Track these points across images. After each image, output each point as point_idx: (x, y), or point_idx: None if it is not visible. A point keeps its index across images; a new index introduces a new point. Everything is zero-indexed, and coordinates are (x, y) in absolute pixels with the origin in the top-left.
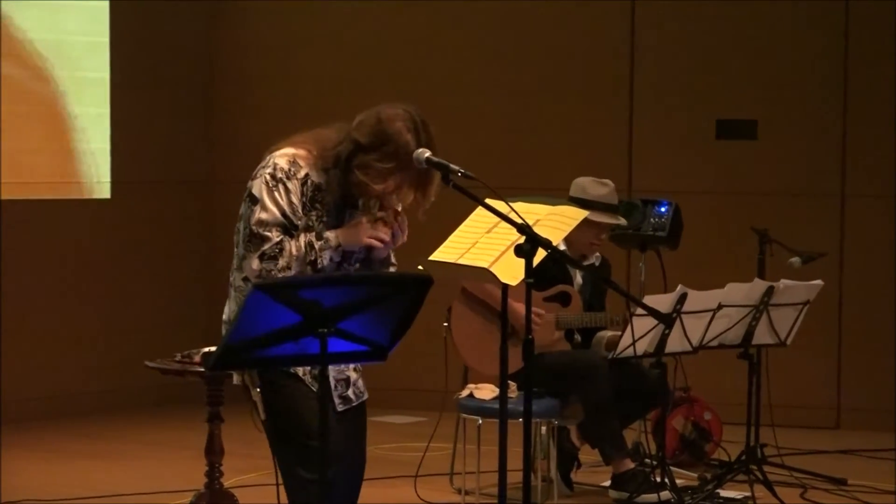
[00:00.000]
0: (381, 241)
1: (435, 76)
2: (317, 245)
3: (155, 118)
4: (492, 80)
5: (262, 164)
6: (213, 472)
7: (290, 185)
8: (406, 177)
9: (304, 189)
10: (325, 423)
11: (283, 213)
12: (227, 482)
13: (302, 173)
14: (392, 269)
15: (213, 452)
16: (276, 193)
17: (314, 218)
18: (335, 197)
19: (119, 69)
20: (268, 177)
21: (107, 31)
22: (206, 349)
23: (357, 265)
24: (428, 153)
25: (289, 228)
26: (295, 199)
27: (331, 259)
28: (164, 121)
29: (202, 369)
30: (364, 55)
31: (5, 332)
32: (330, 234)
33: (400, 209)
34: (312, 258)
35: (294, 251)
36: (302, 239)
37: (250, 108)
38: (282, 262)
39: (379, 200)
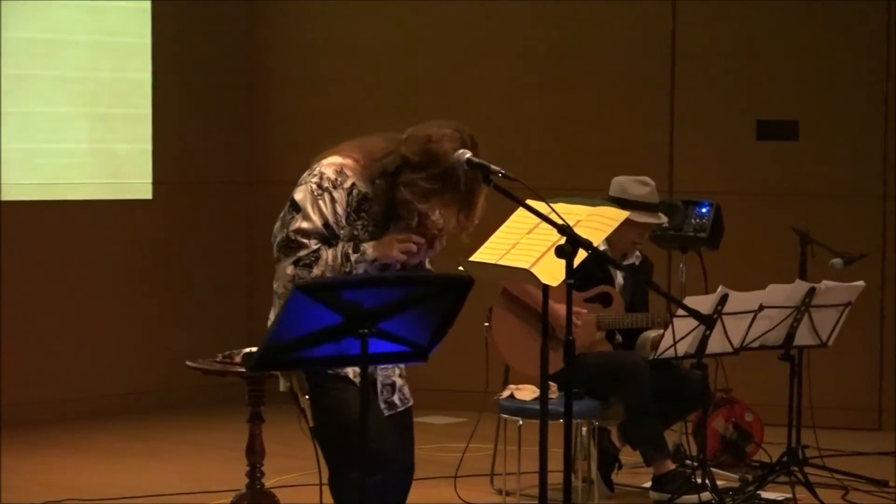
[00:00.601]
0: (410, 252)
1: (475, 78)
2: (353, 257)
3: (196, 120)
4: (532, 80)
5: (309, 172)
6: (254, 473)
7: (336, 194)
8: (451, 198)
9: (350, 199)
10: (366, 423)
11: (326, 224)
12: (267, 482)
13: (348, 183)
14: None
15: (254, 453)
16: (321, 203)
17: (359, 227)
18: (381, 207)
19: (161, 70)
20: (314, 186)
21: (149, 32)
22: (247, 350)
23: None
24: (468, 154)
25: (328, 238)
26: (340, 209)
27: (365, 271)
28: (205, 122)
29: (243, 370)
30: (405, 57)
31: (50, 332)
32: (367, 247)
33: (440, 229)
34: (347, 269)
35: (330, 261)
36: (339, 249)
37: (290, 110)
38: (316, 271)
39: (419, 217)
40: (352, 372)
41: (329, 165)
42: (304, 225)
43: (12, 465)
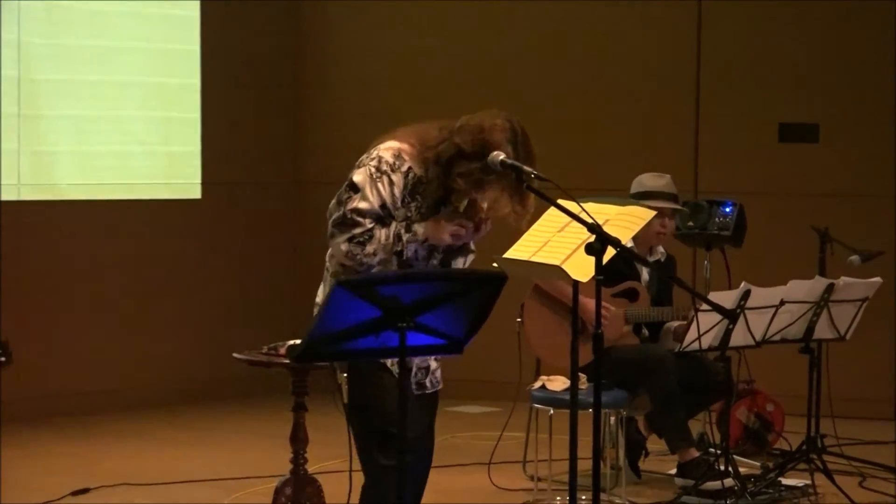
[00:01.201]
0: (459, 235)
1: (507, 81)
2: (404, 237)
3: (243, 122)
4: (562, 84)
5: (367, 155)
6: (298, 459)
7: (394, 177)
8: (505, 187)
9: (406, 181)
10: (404, 412)
11: (382, 205)
12: (310, 468)
13: (405, 167)
14: (471, 256)
15: (298, 440)
16: (380, 185)
17: (413, 209)
18: (435, 192)
19: (209, 76)
20: (373, 168)
21: (197, 39)
22: (292, 342)
23: (441, 254)
24: (502, 156)
25: (383, 219)
26: (397, 192)
27: (415, 251)
28: (252, 125)
29: (287, 361)
30: (447, 59)
31: (103, 326)
32: (418, 228)
33: (486, 214)
34: (398, 249)
35: (383, 239)
36: (392, 228)
37: (334, 111)
38: (369, 249)
39: (469, 202)
40: (389, 360)
41: (387, 149)
42: (362, 205)
43: (71, 450)
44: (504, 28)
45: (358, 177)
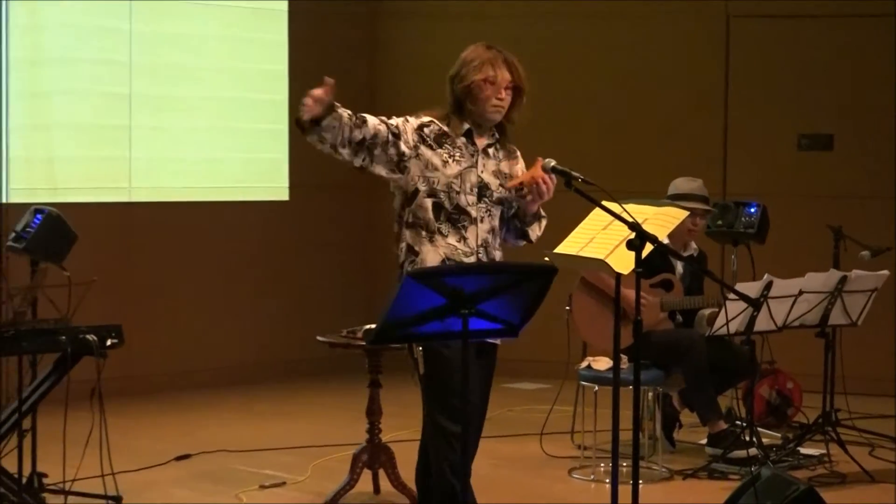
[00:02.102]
0: (532, 184)
1: (557, 93)
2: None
3: None
4: (606, 97)
5: None
6: (373, 429)
7: (410, 118)
8: (494, 63)
9: (428, 130)
10: (466, 386)
11: (391, 127)
12: (384, 437)
13: (426, 119)
14: (544, 221)
15: (373, 413)
16: (399, 119)
17: (446, 156)
18: (461, 135)
19: (295, 92)
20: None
21: (286, 59)
22: (368, 326)
23: (508, 208)
24: (553, 162)
25: (388, 130)
26: (409, 135)
27: (466, 197)
28: None
29: (364, 343)
30: None
31: (202, 312)
32: (461, 162)
33: (550, 178)
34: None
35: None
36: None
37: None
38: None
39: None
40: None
41: (412, 115)
42: (374, 120)
43: (175, 421)
44: (549, 45)
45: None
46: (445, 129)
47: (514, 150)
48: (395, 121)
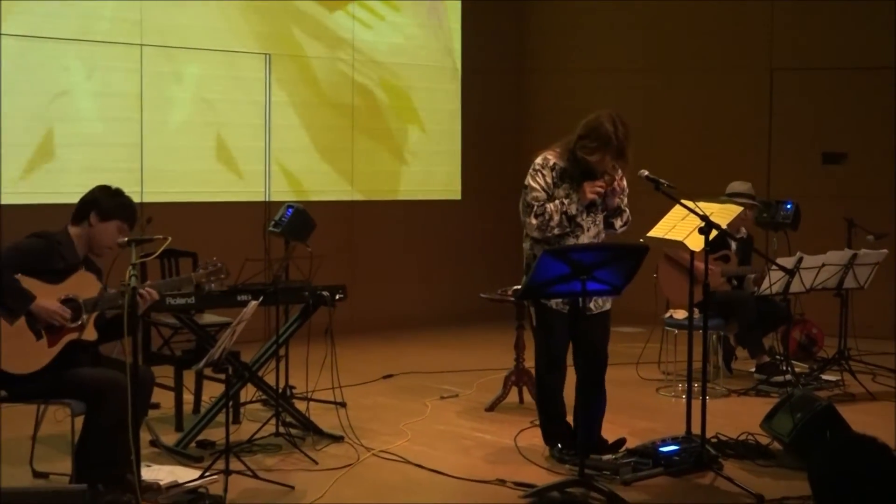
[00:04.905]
0: (598, 193)
1: (657, 125)
2: (565, 202)
3: (484, 149)
4: (683, 119)
5: (531, 166)
6: (519, 358)
7: (544, 171)
8: (606, 153)
9: (553, 173)
10: (565, 340)
11: (543, 189)
12: (526, 364)
13: (551, 163)
14: (625, 214)
15: (518, 347)
16: (538, 178)
17: (566, 188)
18: (577, 174)
19: (466, 130)
20: (532, 171)
21: (459, 107)
22: (515, 287)
23: (596, 211)
24: (646, 172)
25: (548, 197)
26: (548, 180)
27: (577, 210)
28: (486, 151)
29: (513, 299)
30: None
31: (403, 275)
32: (573, 195)
33: (618, 177)
34: (563, 209)
35: (551, 208)
36: (556, 202)
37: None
38: (546, 216)
39: (604, 171)
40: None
41: (539, 157)
42: (532, 192)
43: (382, 351)
44: (660, 94)
45: (527, 179)
46: (564, 166)
47: (621, 166)
48: (542, 185)
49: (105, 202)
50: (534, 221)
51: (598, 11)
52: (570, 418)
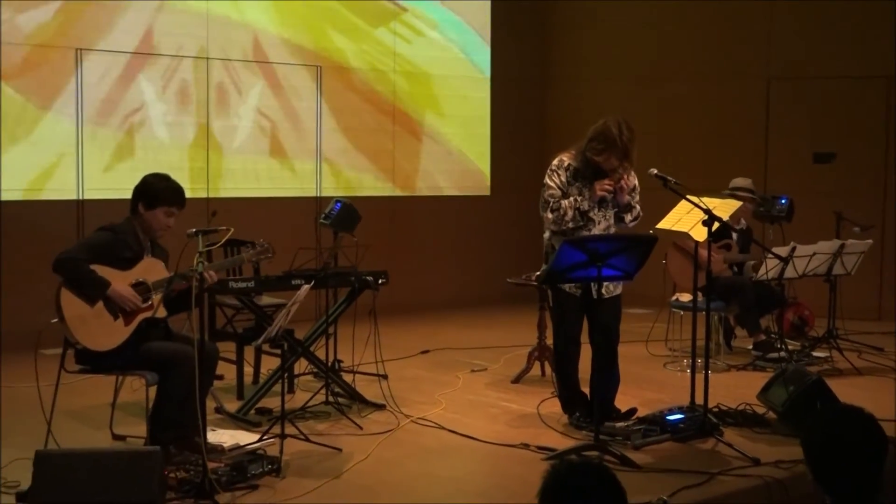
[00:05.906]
0: (607, 190)
1: (666, 127)
2: (578, 199)
3: (513, 150)
4: (688, 122)
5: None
6: (541, 336)
7: (559, 172)
8: (613, 154)
9: (567, 173)
10: (579, 320)
11: (559, 187)
12: (547, 341)
13: (565, 164)
14: (636, 211)
15: (541, 326)
16: (554, 177)
17: (578, 187)
18: (588, 173)
19: (495, 131)
20: (549, 171)
21: (488, 105)
22: (538, 272)
23: (613, 208)
24: (655, 171)
25: (563, 195)
26: (563, 179)
27: (588, 206)
28: (517, 151)
29: (536, 283)
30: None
31: (436, 264)
32: (585, 192)
33: (627, 176)
34: (576, 206)
35: (566, 204)
36: (570, 199)
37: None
38: (561, 212)
39: (612, 171)
40: (574, 286)
41: (556, 159)
42: (549, 190)
43: (419, 328)
44: (673, 101)
45: (545, 178)
46: (577, 167)
47: (626, 166)
48: (558, 183)
49: (149, 191)
50: (550, 216)
51: (614, 30)
52: (586, 389)
